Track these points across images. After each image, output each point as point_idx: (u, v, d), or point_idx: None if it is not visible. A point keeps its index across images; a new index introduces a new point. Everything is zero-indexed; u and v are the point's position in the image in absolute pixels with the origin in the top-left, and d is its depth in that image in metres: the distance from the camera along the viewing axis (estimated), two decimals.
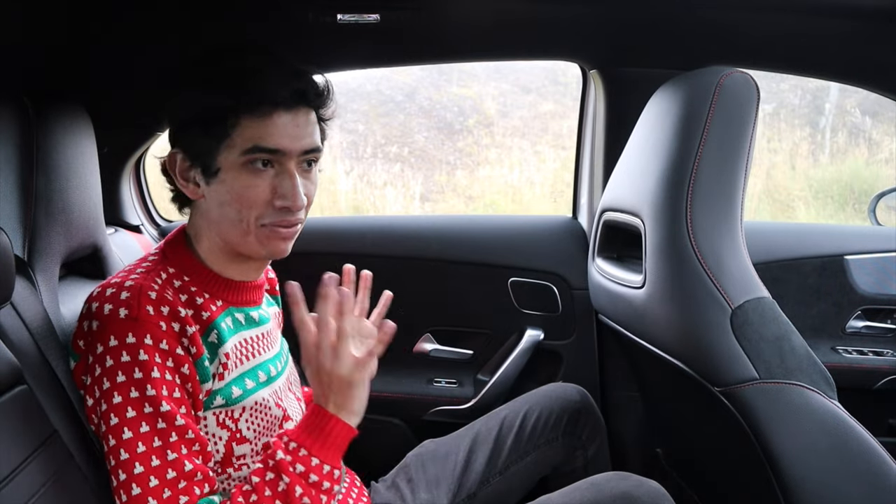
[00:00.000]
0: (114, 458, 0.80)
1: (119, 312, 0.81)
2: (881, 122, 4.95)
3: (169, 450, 0.80)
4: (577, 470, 1.30)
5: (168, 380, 0.82)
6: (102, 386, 0.80)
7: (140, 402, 0.80)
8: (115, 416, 0.79)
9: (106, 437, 0.80)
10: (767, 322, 0.96)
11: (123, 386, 0.80)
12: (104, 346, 0.81)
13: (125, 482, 0.78)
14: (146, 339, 0.81)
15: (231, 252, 0.93)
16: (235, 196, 0.87)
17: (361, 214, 4.34)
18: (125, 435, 0.79)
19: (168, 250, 0.93)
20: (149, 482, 0.78)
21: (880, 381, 1.54)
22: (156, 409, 0.80)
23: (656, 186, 1.03)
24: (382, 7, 1.20)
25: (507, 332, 1.64)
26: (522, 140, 5.05)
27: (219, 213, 0.89)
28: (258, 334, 0.99)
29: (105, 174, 1.13)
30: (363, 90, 5.04)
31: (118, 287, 0.84)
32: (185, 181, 0.90)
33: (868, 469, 0.94)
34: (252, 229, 0.88)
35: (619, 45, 1.46)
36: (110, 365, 0.80)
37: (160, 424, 0.80)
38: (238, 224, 0.88)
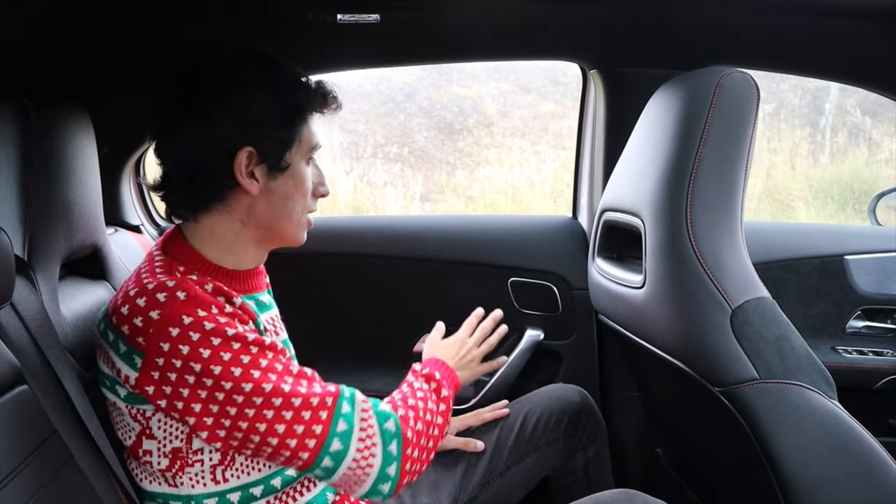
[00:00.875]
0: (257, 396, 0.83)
1: (177, 296, 0.83)
2: (881, 122, 4.95)
3: (290, 366, 0.89)
4: (577, 471, 1.30)
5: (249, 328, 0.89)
6: (202, 356, 0.82)
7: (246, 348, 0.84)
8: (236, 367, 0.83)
9: (237, 391, 0.82)
10: (767, 322, 0.96)
11: (223, 345, 0.83)
12: (179, 326, 0.82)
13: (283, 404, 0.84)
14: (212, 308, 0.85)
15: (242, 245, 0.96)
16: (302, 189, 0.96)
17: (361, 214, 4.34)
18: (254, 374, 0.83)
19: (171, 250, 0.94)
20: (299, 390, 0.86)
21: (880, 381, 1.54)
22: (261, 346, 0.86)
23: (656, 186, 1.03)
24: (382, 7, 1.20)
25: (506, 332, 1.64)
26: (522, 140, 5.05)
27: (279, 205, 0.95)
28: (272, 316, 1.04)
29: (105, 174, 1.13)
30: (363, 90, 5.04)
31: (156, 282, 0.85)
32: (249, 178, 0.92)
33: (868, 469, 0.94)
34: (302, 218, 0.98)
35: (619, 45, 1.46)
36: (199, 337, 0.82)
37: (269, 354, 0.87)
38: (294, 214, 0.96)
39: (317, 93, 0.95)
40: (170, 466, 0.89)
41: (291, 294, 1.31)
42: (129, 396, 0.87)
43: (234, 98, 0.89)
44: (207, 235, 0.94)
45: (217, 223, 0.94)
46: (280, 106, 0.91)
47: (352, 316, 1.69)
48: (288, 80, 0.93)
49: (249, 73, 0.91)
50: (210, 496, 0.90)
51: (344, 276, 1.66)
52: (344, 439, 0.87)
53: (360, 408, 0.90)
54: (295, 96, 0.93)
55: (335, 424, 0.87)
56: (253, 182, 0.92)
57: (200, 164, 0.90)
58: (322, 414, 0.86)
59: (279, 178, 0.93)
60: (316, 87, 0.95)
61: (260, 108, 0.90)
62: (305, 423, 0.85)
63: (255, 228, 0.95)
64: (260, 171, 0.92)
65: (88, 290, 1.07)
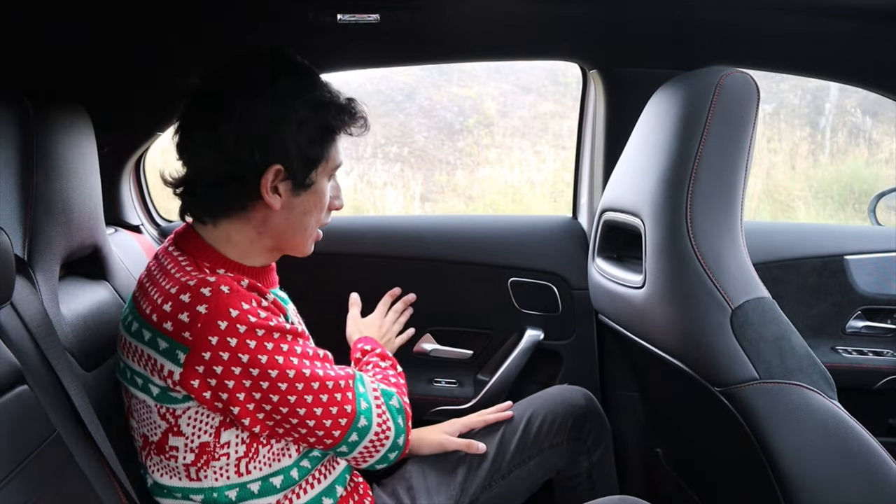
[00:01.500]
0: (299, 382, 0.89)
1: (222, 290, 0.86)
2: (881, 122, 4.95)
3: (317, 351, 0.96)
4: (581, 474, 1.29)
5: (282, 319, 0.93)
6: (248, 347, 0.86)
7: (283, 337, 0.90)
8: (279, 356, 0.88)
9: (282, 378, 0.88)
10: (767, 322, 0.96)
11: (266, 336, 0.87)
12: (227, 319, 0.85)
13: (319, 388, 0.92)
14: (253, 302, 0.88)
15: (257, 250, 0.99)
16: (321, 204, 0.98)
17: (361, 214, 4.34)
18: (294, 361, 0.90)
19: (190, 249, 0.95)
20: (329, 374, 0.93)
21: (880, 381, 1.54)
22: (294, 334, 0.92)
23: (656, 186, 1.03)
24: (382, 7, 1.20)
25: (507, 332, 1.64)
26: (522, 140, 5.05)
27: (297, 220, 0.97)
28: (292, 307, 1.09)
29: (105, 174, 1.13)
30: (363, 90, 5.03)
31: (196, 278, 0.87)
32: (273, 193, 0.93)
33: (868, 469, 0.94)
34: (314, 231, 1.01)
35: (619, 45, 1.46)
36: (245, 329, 0.86)
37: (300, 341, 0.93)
38: (310, 228, 0.99)
39: (348, 113, 0.96)
40: (195, 461, 0.92)
41: (292, 294, 1.31)
42: (162, 395, 0.88)
43: (274, 111, 0.89)
44: (224, 240, 0.96)
45: (234, 229, 0.95)
46: (314, 125, 0.92)
47: None
48: (324, 98, 0.93)
49: (293, 87, 0.91)
50: (231, 487, 0.93)
51: (344, 276, 1.65)
52: (368, 416, 0.96)
53: (370, 387, 1.00)
54: (328, 116, 0.93)
55: (359, 403, 0.96)
56: (276, 197, 0.93)
57: (228, 174, 0.90)
58: (349, 394, 0.95)
59: (302, 195, 0.95)
60: (347, 107, 0.96)
61: (297, 126, 0.90)
62: (338, 403, 0.93)
63: (270, 238, 0.97)
64: (284, 186, 0.93)
65: (88, 290, 1.07)
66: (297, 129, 0.90)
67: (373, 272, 1.66)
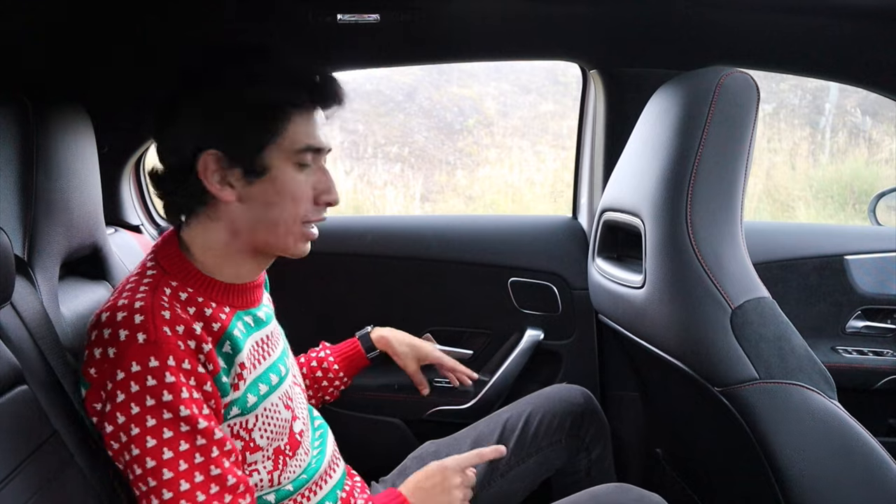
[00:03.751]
0: (152, 479, 0.78)
1: (137, 338, 0.79)
2: (881, 122, 4.95)
3: (212, 465, 0.80)
4: (580, 472, 1.29)
5: (196, 398, 0.81)
6: (130, 411, 0.78)
7: (175, 422, 0.78)
8: (152, 439, 0.78)
9: (139, 461, 0.78)
10: (767, 322, 0.96)
11: (154, 409, 0.78)
12: (125, 372, 0.78)
13: (170, 501, 0.77)
14: (169, 360, 0.79)
15: (237, 255, 0.91)
16: (288, 194, 0.88)
17: (361, 214, 4.34)
18: (165, 455, 0.78)
19: (164, 261, 0.89)
20: (196, 497, 0.78)
21: (880, 381, 1.54)
22: (193, 427, 0.79)
23: (656, 186, 1.03)
24: (382, 7, 1.20)
25: (507, 332, 1.64)
26: (522, 140, 5.05)
27: (261, 213, 0.88)
28: (266, 335, 0.98)
29: (105, 174, 1.13)
30: (363, 90, 5.04)
31: (128, 310, 0.81)
32: (223, 184, 0.86)
33: (868, 469, 0.94)
34: (294, 227, 0.90)
35: (619, 45, 1.46)
36: (136, 390, 0.78)
37: (199, 441, 0.80)
38: (281, 223, 0.89)
39: (305, 86, 0.87)
40: None
41: (291, 294, 1.31)
42: None
43: (201, 96, 0.85)
44: (201, 244, 0.90)
45: (207, 230, 0.90)
46: (251, 103, 0.84)
47: (352, 316, 1.69)
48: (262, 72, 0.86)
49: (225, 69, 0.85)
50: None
51: (344, 276, 1.65)
52: None
53: None
54: (270, 91, 0.85)
55: None
56: (227, 189, 0.86)
57: (176, 167, 0.87)
58: None
59: (257, 184, 0.86)
60: (304, 80, 0.87)
61: (225, 106, 0.84)
62: None
63: (245, 239, 0.90)
64: (234, 175, 0.86)
65: (88, 290, 1.07)
66: (229, 109, 0.84)
67: (373, 272, 1.66)
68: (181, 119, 0.85)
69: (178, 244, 0.91)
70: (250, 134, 0.85)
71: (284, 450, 0.95)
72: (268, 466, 0.92)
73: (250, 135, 0.85)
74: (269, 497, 0.93)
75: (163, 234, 0.95)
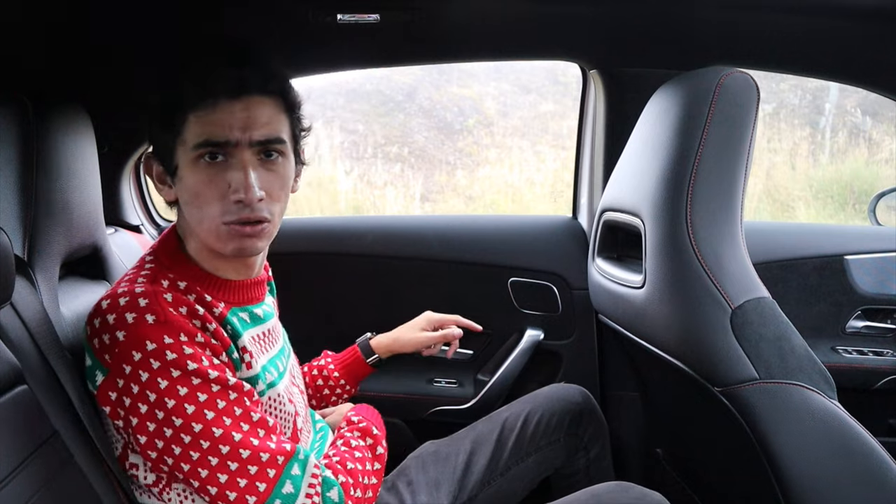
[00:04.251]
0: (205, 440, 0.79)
1: (146, 318, 0.80)
2: (881, 122, 4.95)
3: (251, 412, 0.83)
4: (579, 471, 1.30)
5: (217, 363, 0.83)
6: (159, 386, 0.78)
7: (206, 385, 0.80)
8: (190, 405, 0.79)
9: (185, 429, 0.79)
10: (767, 322, 0.96)
11: (182, 378, 0.79)
12: (142, 352, 0.78)
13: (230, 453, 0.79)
14: (181, 336, 0.81)
15: (210, 253, 0.91)
16: (193, 194, 0.85)
17: (361, 214, 4.34)
18: (209, 415, 0.79)
19: (162, 255, 0.91)
20: (251, 442, 0.81)
21: (880, 381, 1.54)
22: (224, 385, 0.82)
23: (656, 186, 1.03)
24: (382, 7, 1.20)
25: (507, 332, 1.64)
26: (522, 140, 5.05)
27: (187, 212, 0.88)
28: (264, 331, 0.99)
29: (105, 174, 1.13)
30: (363, 90, 5.04)
31: (130, 295, 0.81)
32: (161, 184, 0.89)
33: (868, 469, 0.94)
34: (216, 227, 0.86)
35: (619, 45, 1.46)
36: (159, 366, 0.79)
37: (232, 395, 0.82)
38: (202, 223, 0.86)
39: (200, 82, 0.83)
40: (156, 482, 0.87)
41: (292, 294, 1.31)
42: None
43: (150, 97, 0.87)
44: (183, 238, 0.93)
45: (183, 227, 0.93)
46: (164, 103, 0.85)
47: (352, 316, 1.69)
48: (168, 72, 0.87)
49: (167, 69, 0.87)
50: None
51: (344, 276, 1.65)
52: (287, 501, 0.82)
53: (310, 472, 0.85)
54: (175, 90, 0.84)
55: (281, 485, 0.82)
56: (164, 188, 0.89)
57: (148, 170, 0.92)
58: (270, 472, 0.82)
59: (177, 184, 0.87)
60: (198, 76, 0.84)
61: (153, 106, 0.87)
62: (250, 477, 0.80)
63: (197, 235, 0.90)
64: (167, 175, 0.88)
65: (88, 290, 1.07)
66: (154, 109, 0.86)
67: (373, 272, 1.66)
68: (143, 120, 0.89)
69: (176, 241, 0.93)
70: (158, 135, 0.87)
71: None
72: None
73: (158, 136, 0.87)
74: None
75: (163, 232, 0.97)
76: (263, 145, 0.86)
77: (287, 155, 0.90)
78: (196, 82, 0.83)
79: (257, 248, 0.89)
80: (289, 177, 0.91)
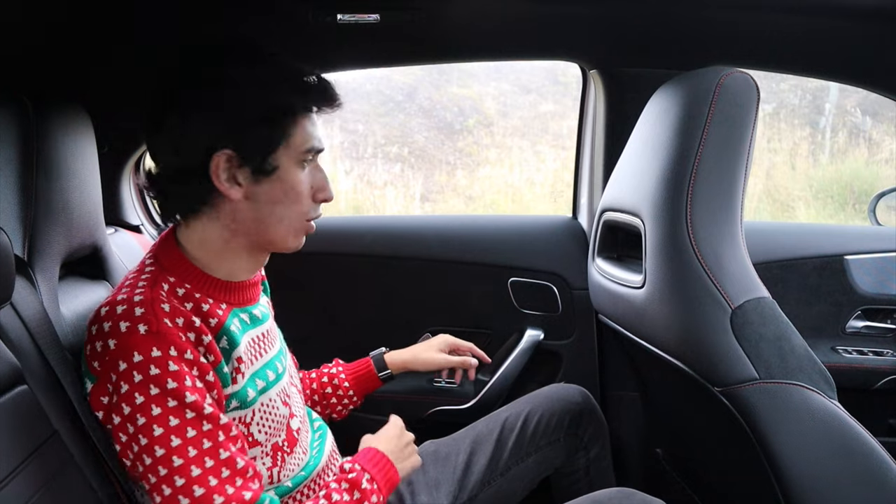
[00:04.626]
0: (162, 467, 0.78)
1: (138, 329, 0.80)
2: (881, 122, 4.95)
3: (220, 448, 0.81)
4: (578, 471, 1.30)
5: (199, 387, 0.82)
6: (135, 401, 0.79)
7: (180, 409, 0.79)
8: (159, 427, 0.78)
9: (148, 451, 0.78)
10: (767, 322, 0.96)
11: (159, 397, 0.79)
12: (128, 362, 0.79)
13: (183, 487, 0.78)
14: (171, 350, 0.80)
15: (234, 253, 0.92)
16: (293, 193, 0.91)
17: (361, 214, 4.34)
18: (174, 442, 0.78)
19: (162, 258, 0.91)
20: (209, 482, 0.79)
21: (880, 381, 1.54)
22: (199, 413, 0.80)
23: (656, 186, 1.03)
24: (382, 7, 1.20)
25: (507, 332, 1.64)
26: (522, 140, 5.05)
27: (266, 210, 0.90)
28: (262, 332, 0.99)
29: (105, 174, 1.13)
30: (363, 90, 5.04)
31: (128, 303, 0.82)
32: (229, 183, 0.87)
33: (868, 469, 0.94)
34: (297, 224, 0.93)
35: (619, 45, 1.46)
36: (140, 380, 0.78)
37: (206, 426, 0.80)
38: (285, 220, 0.91)
39: (310, 90, 0.90)
40: None
41: (291, 294, 1.31)
42: None
43: (210, 95, 0.85)
44: (198, 242, 0.91)
45: (206, 229, 0.90)
46: (263, 104, 0.86)
47: (352, 316, 1.69)
48: (273, 75, 0.88)
49: (229, 69, 0.86)
50: None
51: (344, 276, 1.66)
52: None
53: None
54: (281, 93, 0.87)
55: None
56: (235, 187, 0.87)
57: (181, 167, 0.87)
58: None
59: (265, 183, 0.88)
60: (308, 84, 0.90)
61: (238, 106, 0.85)
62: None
63: (244, 235, 0.91)
64: (243, 174, 0.87)
65: (88, 290, 1.07)
66: (243, 109, 0.85)
67: (373, 272, 1.66)
68: (190, 119, 0.85)
69: (175, 243, 0.92)
70: (263, 136, 0.87)
71: (282, 446, 0.95)
72: (266, 463, 0.93)
73: (263, 136, 0.87)
74: (269, 494, 0.93)
75: (162, 233, 0.96)
76: None
77: None
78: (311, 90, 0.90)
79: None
80: None
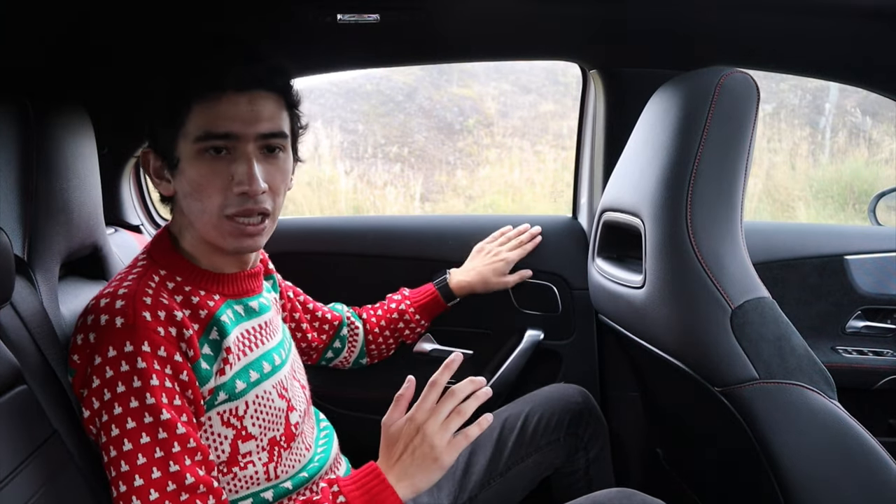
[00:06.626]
0: (114, 469, 0.79)
1: (115, 322, 0.80)
2: (881, 122, 4.95)
3: (171, 461, 0.79)
4: (578, 471, 1.30)
5: (168, 387, 0.81)
6: (103, 397, 0.80)
7: (139, 412, 0.79)
8: (116, 427, 0.79)
9: (106, 448, 0.80)
10: (767, 322, 0.96)
11: (123, 396, 0.79)
12: (102, 357, 0.80)
13: (125, 494, 0.78)
14: (143, 346, 0.80)
15: (206, 247, 0.92)
16: (195, 186, 0.85)
17: (361, 214, 4.34)
18: (125, 446, 0.78)
19: (155, 252, 0.92)
20: (149, 495, 0.77)
21: (880, 381, 1.54)
22: (156, 419, 0.79)
23: (656, 186, 1.03)
24: (382, 7, 1.20)
25: (507, 332, 1.64)
26: (522, 140, 5.05)
27: (186, 206, 0.88)
28: (259, 324, 0.98)
29: (105, 174, 1.13)
30: (363, 90, 5.05)
31: (112, 297, 0.83)
32: (159, 179, 0.89)
33: (868, 469, 0.94)
34: (216, 220, 0.87)
35: (619, 45, 1.46)
36: (110, 376, 0.79)
37: (161, 434, 0.79)
38: (203, 216, 0.87)
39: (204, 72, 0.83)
40: None
41: None
42: None
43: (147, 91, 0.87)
44: (180, 235, 0.93)
45: (180, 223, 0.93)
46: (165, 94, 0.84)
47: None
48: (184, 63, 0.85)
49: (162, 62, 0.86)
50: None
51: (344, 276, 1.65)
52: None
53: None
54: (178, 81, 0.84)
55: None
56: (163, 183, 0.89)
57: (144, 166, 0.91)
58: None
59: (178, 177, 0.87)
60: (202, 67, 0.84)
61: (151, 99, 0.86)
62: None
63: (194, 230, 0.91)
64: (165, 169, 0.88)
65: (88, 290, 1.07)
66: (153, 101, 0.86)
67: (373, 272, 1.65)
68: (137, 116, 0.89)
69: (169, 239, 0.94)
70: (160, 126, 0.86)
71: (280, 440, 0.95)
72: (263, 458, 0.92)
73: (160, 127, 0.86)
74: (267, 494, 0.93)
75: (157, 232, 0.98)
76: (267, 139, 0.87)
77: (287, 150, 0.91)
78: (202, 73, 0.83)
79: (257, 245, 0.90)
80: (289, 171, 0.93)
